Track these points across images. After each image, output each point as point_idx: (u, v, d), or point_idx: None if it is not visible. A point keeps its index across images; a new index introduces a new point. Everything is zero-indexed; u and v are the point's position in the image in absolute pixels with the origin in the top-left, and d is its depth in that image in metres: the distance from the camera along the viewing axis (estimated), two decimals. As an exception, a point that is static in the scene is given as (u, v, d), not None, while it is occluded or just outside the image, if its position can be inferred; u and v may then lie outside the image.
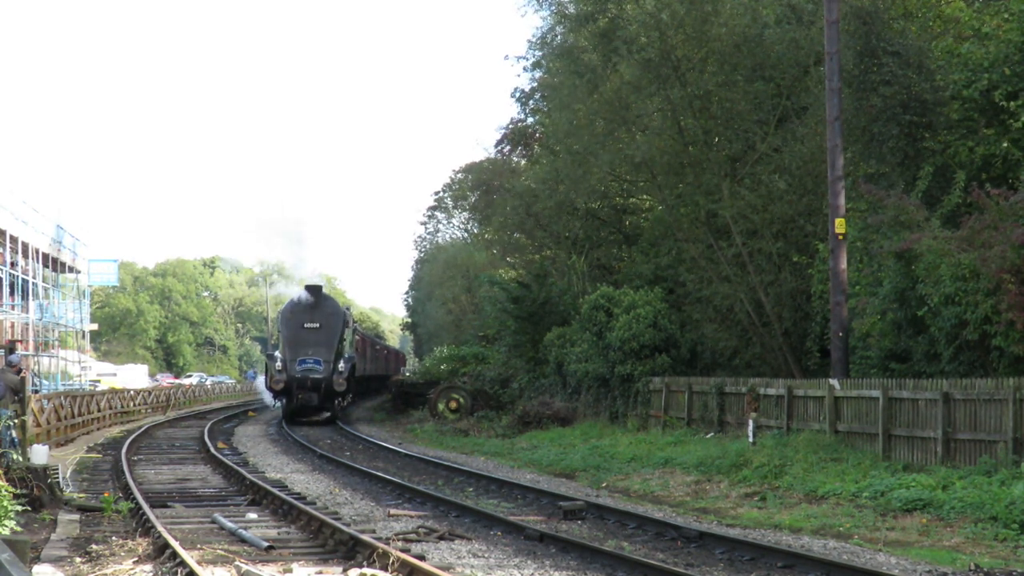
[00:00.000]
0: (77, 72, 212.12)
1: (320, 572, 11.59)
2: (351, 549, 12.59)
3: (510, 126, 50.78)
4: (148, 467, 23.92)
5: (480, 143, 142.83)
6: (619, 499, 18.74)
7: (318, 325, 41.96)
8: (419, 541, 13.78)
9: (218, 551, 12.59)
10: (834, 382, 20.87)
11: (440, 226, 74.88)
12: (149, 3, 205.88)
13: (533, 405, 33.85)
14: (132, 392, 49.82)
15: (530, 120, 47.83)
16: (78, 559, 12.51)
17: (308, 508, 15.61)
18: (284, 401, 42.47)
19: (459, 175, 66.14)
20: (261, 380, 62.19)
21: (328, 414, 43.07)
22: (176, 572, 11.42)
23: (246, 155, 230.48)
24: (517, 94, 46.28)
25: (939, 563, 12.35)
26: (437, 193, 71.54)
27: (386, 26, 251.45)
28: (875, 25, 22.71)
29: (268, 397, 53.86)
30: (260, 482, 19.13)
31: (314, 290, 43.56)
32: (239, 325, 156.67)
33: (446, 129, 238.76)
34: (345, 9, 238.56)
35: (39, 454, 17.52)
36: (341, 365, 41.87)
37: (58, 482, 17.59)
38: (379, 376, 59.74)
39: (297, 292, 44.33)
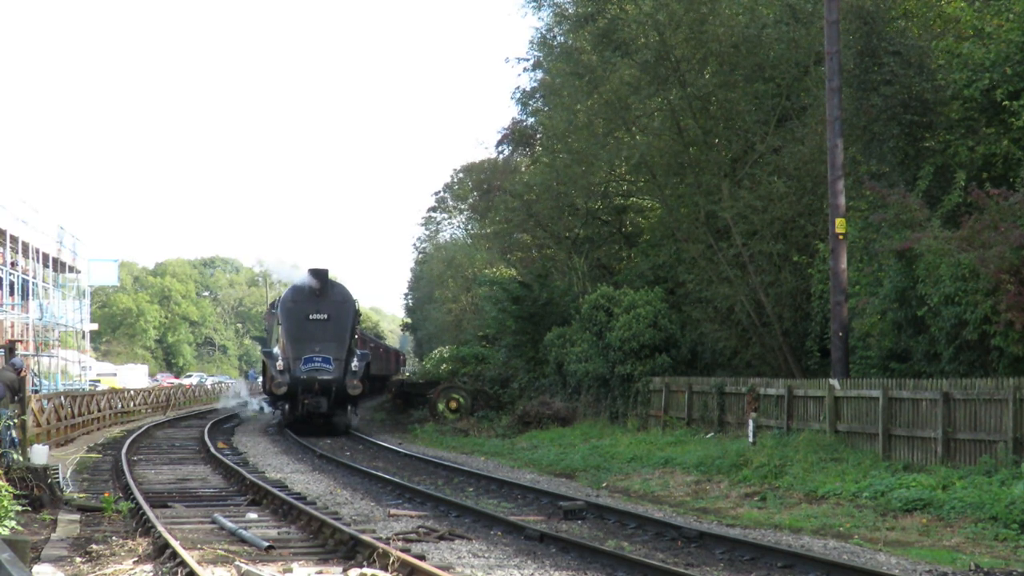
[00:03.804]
0: (77, 73, 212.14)
1: (320, 572, 11.59)
2: (351, 549, 12.59)
3: (510, 127, 50.78)
4: (148, 467, 23.92)
5: (481, 142, 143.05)
6: (619, 499, 18.74)
7: (326, 316, 35.62)
8: (419, 541, 13.78)
9: (218, 551, 12.58)
10: (834, 382, 20.86)
11: (440, 226, 74.98)
12: (149, 4, 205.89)
13: (533, 405, 33.84)
14: (132, 392, 49.81)
15: (531, 121, 47.81)
16: (78, 559, 12.51)
17: (308, 508, 15.61)
18: (287, 407, 36.25)
19: (459, 175, 66.19)
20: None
21: (340, 422, 36.32)
22: (176, 572, 11.41)
23: (247, 156, 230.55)
24: (518, 94, 46.28)
25: (939, 563, 12.35)
26: (438, 192, 71.66)
27: (385, 29, 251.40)
28: (876, 24, 22.70)
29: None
30: (260, 482, 19.12)
31: (319, 275, 36.63)
32: (239, 325, 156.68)
33: (446, 130, 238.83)
34: (344, 11, 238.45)
35: (39, 454, 17.53)
36: (355, 363, 35.35)
37: (58, 482, 17.58)
38: (379, 376, 59.53)
39: (300, 277, 37.52)
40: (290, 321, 35.78)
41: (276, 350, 36.78)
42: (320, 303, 35.90)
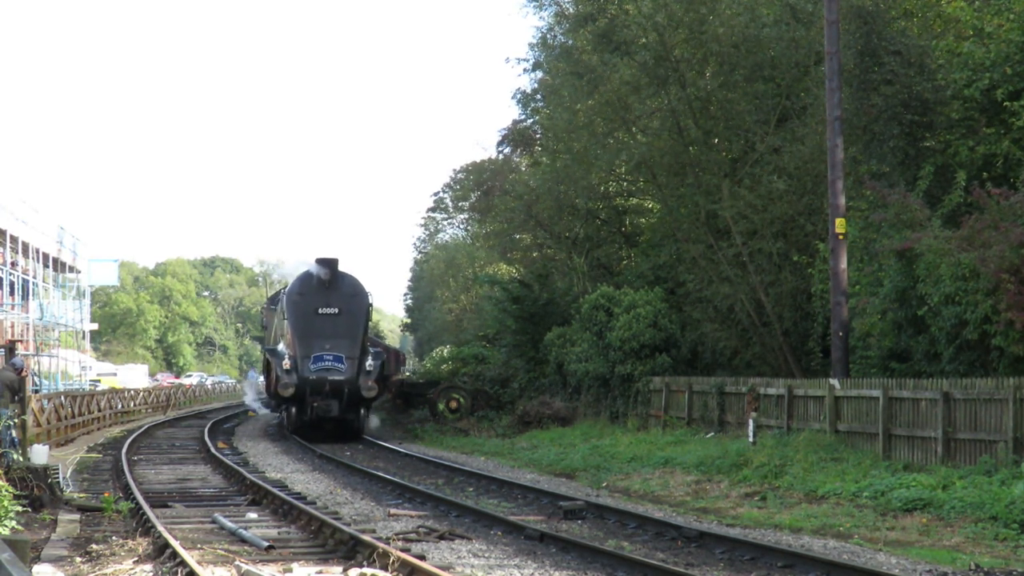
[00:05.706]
0: (77, 73, 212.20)
1: (320, 572, 11.58)
2: (351, 549, 12.59)
3: (511, 127, 50.77)
4: (148, 467, 23.92)
5: (480, 143, 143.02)
6: (619, 499, 18.74)
7: (336, 311, 32.58)
8: (419, 541, 13.78)
9: (218, 551, 12.58)
10: (834, 382, 20.86)
11: (439, 226, 74.93)
12: (149, 4, 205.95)
13: (533, 405, 33.83)
14: (132, 392, 49.81)
15: (531, 121, 47.81)
16: (78, 559, 12.51)
17: (308, 508, 15.60)
18: (294, 411, 33.08)
19: (459, 175, 66.17)
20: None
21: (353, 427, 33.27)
22: (176, 572, 11.41)
23: (247, 157, 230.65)
24: (518, 96, 46.28)
25: (939, 563, 12.35)
26: (437, 193, 71.59)
27: (386, 29, 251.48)
28: (876, 24, 22.70)
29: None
30: (260, 482, 19.12)
31: (329, 264, 33.31)
32: (239, 325, 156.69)
33: (447, 131, 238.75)
34: (344, 12, 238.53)
35: (39, 454, 17.53)
36: (369, 363, 32.46)
37: (58, 482, 17.58)
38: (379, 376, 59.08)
39: (307, 267, 34.18)
40: (297, 316, 32.75)
41: (281, 347, 33.86)
42: (330, 296, 32.85)
